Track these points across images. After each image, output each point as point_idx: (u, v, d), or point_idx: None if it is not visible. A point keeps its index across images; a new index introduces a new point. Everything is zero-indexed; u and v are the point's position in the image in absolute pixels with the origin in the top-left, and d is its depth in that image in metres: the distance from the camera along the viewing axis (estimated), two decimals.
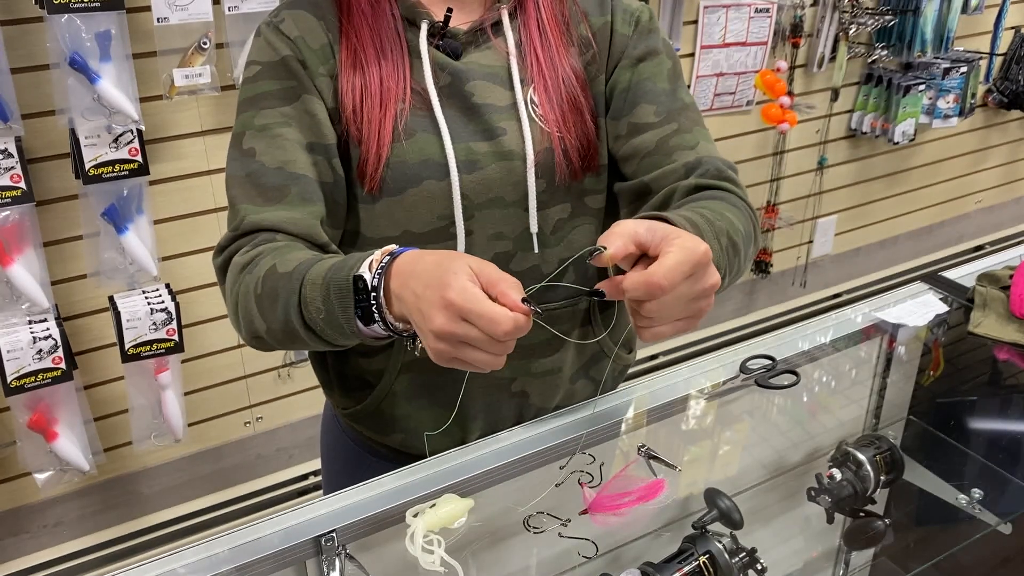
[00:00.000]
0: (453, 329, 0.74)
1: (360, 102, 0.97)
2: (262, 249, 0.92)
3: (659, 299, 0.74)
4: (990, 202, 3.52)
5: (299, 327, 0.88)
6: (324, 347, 0.91)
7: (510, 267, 1.02)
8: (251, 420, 2.25)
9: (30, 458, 1.85)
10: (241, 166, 0.97)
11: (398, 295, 0.79)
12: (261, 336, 0.94)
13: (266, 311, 0.90)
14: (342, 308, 0.83)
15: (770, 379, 1.21)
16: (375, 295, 0.81)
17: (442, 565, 0.90)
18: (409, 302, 0.77)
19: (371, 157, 0.96)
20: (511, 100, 1.00)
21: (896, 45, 2.77)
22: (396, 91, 0.97)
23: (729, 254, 0.90)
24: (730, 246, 0.91)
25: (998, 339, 1.35)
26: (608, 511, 1.00)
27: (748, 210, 1.01)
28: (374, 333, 0.85)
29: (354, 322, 0.83)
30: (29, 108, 1.71)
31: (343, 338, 0.87)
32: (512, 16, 1.01)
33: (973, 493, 1.11)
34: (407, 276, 0.79)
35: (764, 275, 2.91)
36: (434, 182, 0.97)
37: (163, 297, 1.85)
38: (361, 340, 0.87)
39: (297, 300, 0.86)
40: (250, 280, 0.91)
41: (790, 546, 1.11)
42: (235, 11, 1.79)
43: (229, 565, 0.91)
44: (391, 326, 0.82)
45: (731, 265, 0.92)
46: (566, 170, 1.01)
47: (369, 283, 0.81)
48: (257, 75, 0.99)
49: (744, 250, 0.95)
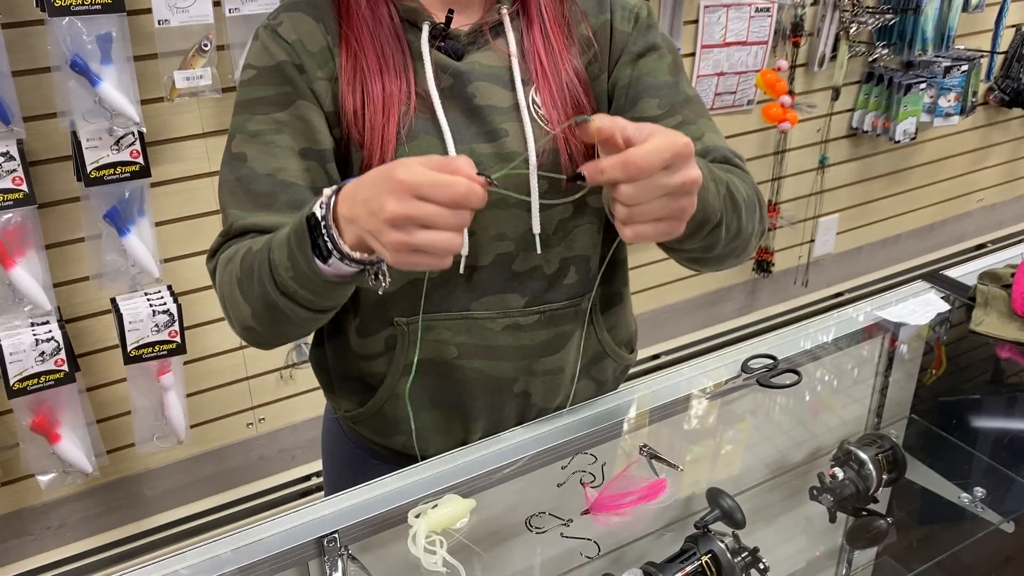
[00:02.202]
0: (406, 210, 0.70)
1: (362, 107, 0.96)
2: (245, 242, 0.92)
3: (637, 184, 0.72)
4: (991, 200, 3.52)
5: (275, 295, 0.86)
6: (307, 316, 0.88)
7: (512, 267, 1.02)
8: (253, 421, 2.25)
9: (33, 460, 1.85)
10: (232, 171, 0.97)
11: (348, 217, 0.77)
12: (251, 326, 0.93)
13: (247, 292, 0.90)
14: (301, 251, 0.81)
15: (772, 378, 1.21)
16: (324, 223, 0.79)
17: (444, 565, 0.91)
18: (360, 215, 0.75)
19: (375, 163, 0.96)
20: (513, 101, 0.99)
21: (897, 44, 2.77)
22: (399, 96, 0.96)
23: (727, 204, 0.89)
24: (728, 196, 0.89)
25: (1000, 337, 1.35)
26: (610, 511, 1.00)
27: (754, 188, 1.00)
28: (338, 271, 0.81)
29: (314, 263, 0.80)
30: (30, 111, 1.71)
31: (317, 294, 0.84)
32: (513, 17, 1.01)
33: (975, 492, 1.11)
34: (353, 194, 0.77)
35: (766, 274, 2.91)
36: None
37: (165, 299, 1.85)
38: (334, 287, 0.84)
39: (268, 267, 0.85)
40: (232, 268, 0.92)
41: (792, 545, 1.11)
42: (236, 13, 1.79)
43: (232, 566, 0.91)
44: (347, 255, 0.79)
45: (728, 216, 0.89)
46: (568, 166, 1.00)
47: (318, 215, 0.79)
48: (252, 79, 0.99)
49: (745, 212, 0.94)
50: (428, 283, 1.01)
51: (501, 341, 1.04)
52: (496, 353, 1.05)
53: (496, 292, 1.02)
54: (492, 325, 1.03)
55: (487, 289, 1.02)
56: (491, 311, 1.03)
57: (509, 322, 1.03)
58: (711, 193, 0.85)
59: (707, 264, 1.00)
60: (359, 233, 0.77)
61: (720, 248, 0.93)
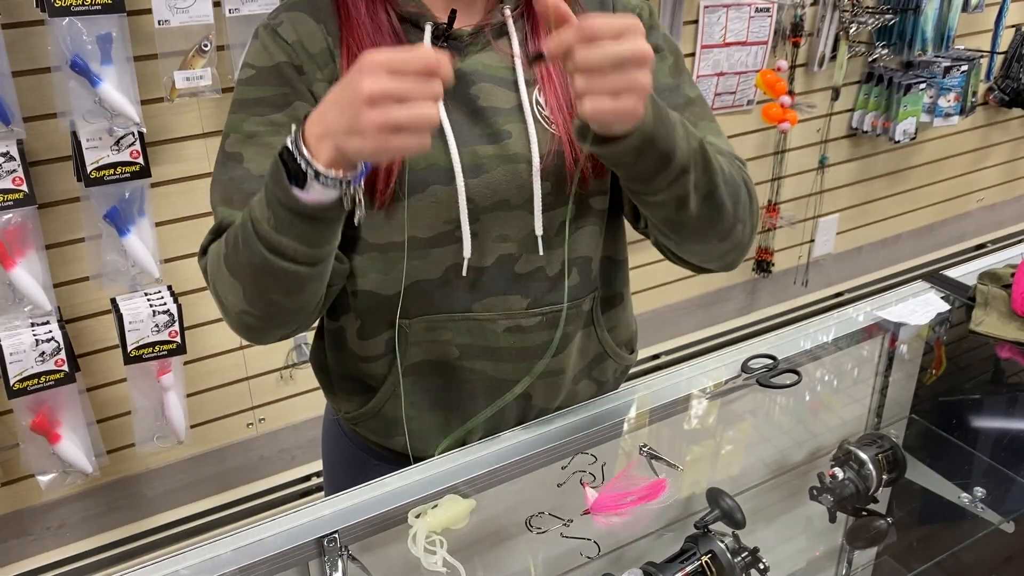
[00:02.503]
0: (382, 85, 0.73)
1: None
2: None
3: (590, 49, 0.76)
4: (991, 200, 3.52)
5: (261, 256, 0.85)
6: (295, 274, 0.87)
7: (515, 269, 1.02)
8: (253, 421, 2.25)
9: (33, 460, 1.86)
10: (226, 170, 0.98)
11: (320, 133, 0.79)
12: (244, 309, 0.92)
13: (233, 267, 0.90)
14: (277, 185, 0.81)
15: (772, 378, 1.21)
16: (295, 146, 0.80)
17: (444, 566, 0.91)
18: (333, 119, 0.77)
19: (380, 173, 0.95)
20: (516, 102, 0.99)
21: (897, 44, 2.77)
22: None
23: (697, 156, 0.89)
24: (700, 152, 0.89)
25: (1000, 337, 1.35)
26: (610, 511, 1.00)
27: (745, 179, 0.99)
28: (316, 198, 0.81)
29: (291, 192, 0.80)
30: (30, 111, 1.71)
31: (301, 239, 0.84)
32: (516, 18, 1.01)
33: (975, 492, 1.11)
34: (321, 111, 0.79)
35: (766, 274, 2.91)
36: (440, 187, 0.97)
37: (165, 299, 1.85)
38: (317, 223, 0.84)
39: (251, 227, 0.85)
40: (219, 250, 0.93)
41: (792, 545, 1.11)
42: (236, 13, 1.79)
43: (232, 566, 0.91)
44: (322, 172, 0.79)
45: (698, 169, 0.89)
46: (573, 171, 1.00)
47: (288, 143, 0.80)
48: (251, 79, 0.99)
49: (723, 183, 0.93)
50: (430, 284, 1.01)
51: (503, 342, 1.04)
52: (498, 354, 1.05)
53: (498, 293, 1.02)
54: (494, 326, 1.03)
55: (489, 290, 1.02)
56: (493, 312, 1.03)
57: (511, 323, 1.03)
58: (679, 135, 0.86)
59: (686, 237, 0.97)
60: (333, 144, 0.78)
61: (693, 208, 0.91)
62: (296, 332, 1.00)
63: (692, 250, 1.01)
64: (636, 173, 0.88)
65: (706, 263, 1.05)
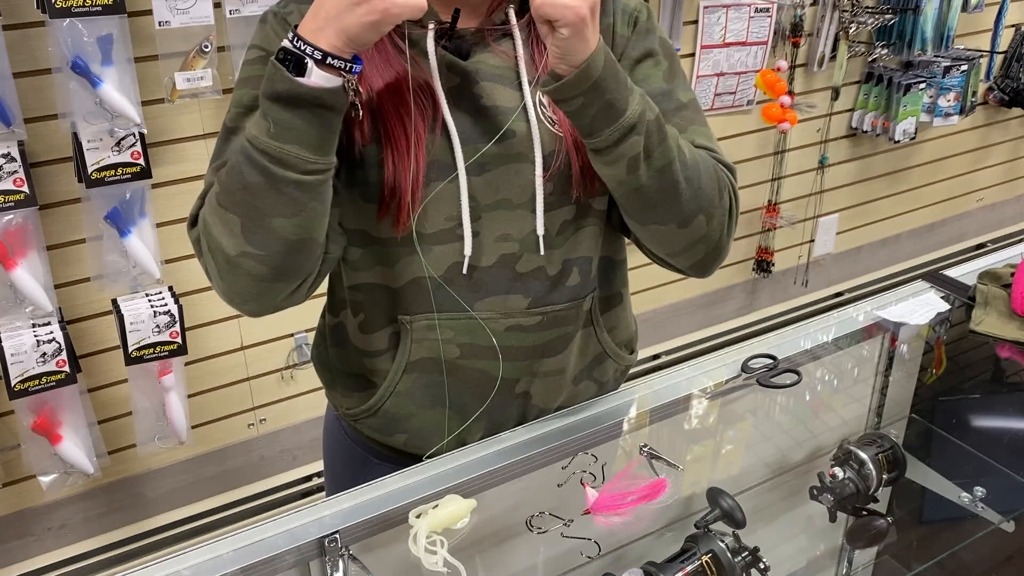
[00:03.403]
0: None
1: (368, 113, 0.95)
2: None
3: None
4: (991, 200, 3.52)
5: (260, 171, 0.86)
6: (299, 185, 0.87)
7: (516, 268, 1.02)
8: (255, 422, 2.25)
9: (34, 461, 1.86)
10: (224, 142, 0.99)
11: (315, 27, 0.83)
12: (243, 251, 0.90)
13: (230, 198, 0.90)
14: (277, 82, 0.84)
15: (772, 378, 1.21)
16: (294, 36, 0.84)
17: (445, 566, 0.91)
18: (330, 5, 0.82)
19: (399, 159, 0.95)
20: (520, 102, 0.99)
21: (896, 44, 2.77)
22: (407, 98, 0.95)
23: (651, 128, 0.91)
24: (656, 124, 0.92)
25: (1000, 337, 1.35)
26: (611, 511, 1.00)
27: (718, 172, 1.00)
28: (321, 82, 0.84)
29: (295, 81, 0.83)
30: (31, 112, 1.71)
31: (302, 142, 0.86)
32: (520, 17, 1.01)
33: (976, 491, 1.11)
34: (315, 6, 0.84)
35: (766, 274, 2.91)
36: (442, 184, 0.97)
37: (166, 300, 1.86)
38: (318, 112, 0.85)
39: (250, 146, 0.87)
40: (213, 195, 0.92)
41: (793, 545, 1.11)
42: (236, 15, 1.79)
43: (233, 567, 0.91)
44: (325, 52, 0.83)
45: (652, 136, 0.92)
46: (580, 179, 1.00)
47: (288, 41, 0.84)
48: (257, 59, 0.99)
49: (678, 160, 0.94)
50: (432, 283, 1.02)
51: (503, 342, 1.04)
52: (498, 354, 1.05)
53: (499, 293, 1.03)
54: (495, 326, 1.03)
55: (490, 290, 1.02)
56: (494, 312, 1.03)
57: (512, 323, 1.04)
58: (633, 98, 0.90)
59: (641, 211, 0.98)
60: (333, 30, 0.82)
61: (644, 176, 0.93)
62: (294, 296, 0.97)
63: (651, 233, 1.01)
64: (584, 120, 0.90)
65: (673, 255, 1.03)
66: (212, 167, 0.98)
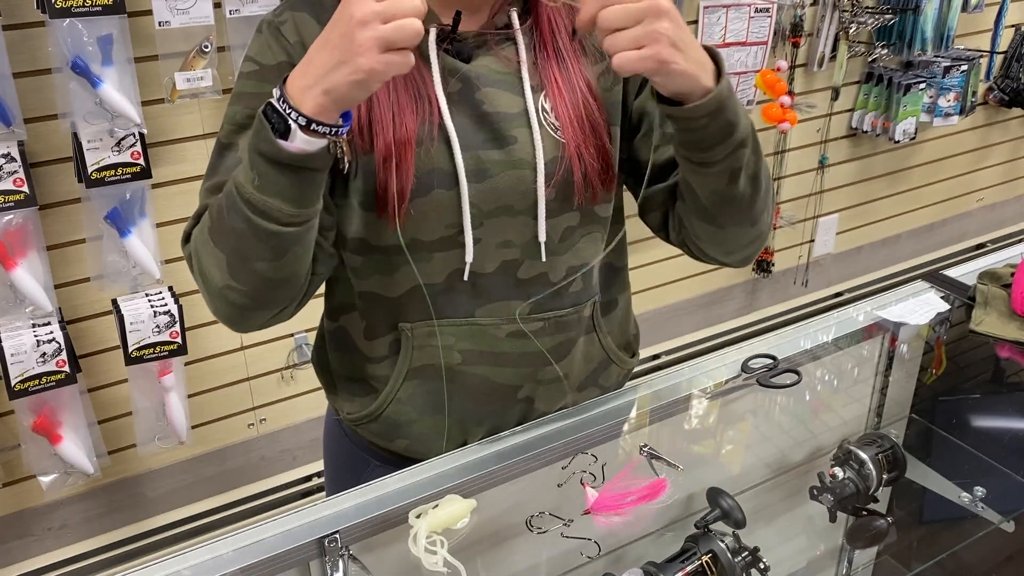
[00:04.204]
0: (371, 6, 0.77)
1: (367, 112, 0.95)
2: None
3: (610, 9, 0.80)
4: (991, 200, 3.52)
5: (245, 218, 0.86)
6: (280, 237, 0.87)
7: (518, 275, 1.02)
8: (255, 422, 2.25)
9: (34, 461, 1.86)
10: (219, 158, 0.98)
11: (303, 85, 0.81)
12: (228, 284, 0.91)
13: (217, 236, 0.90)
14: (262, 141, 0.83)
15: (772, 378, 1.21)
16: (281, 99, 0.82)
17: (445, 566, 0.91)
18: (318, 63, 0.80)
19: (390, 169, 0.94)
20: (522, 107, 0.98)
21: (896, 44, 2.77)
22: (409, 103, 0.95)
23: (752, 137, 0.93)
24: (753, 132, 0.93)
25: (1000, 337, 1.35)
26: (610, 511, 1.00)
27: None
28: (302, 146, 0.83)
29: (276, 144, 0.82)
30: (32, 112, 1.71)
31: (285, 197, 0.85)
32: (523, 20, 1.00)
33: (975, 491, 1.11)
34: (304, 62, 0.82)
35: (766, 274, 2.91)
36: (443, 191, 0.96)
37: (166, 300, 1.86)
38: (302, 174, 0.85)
39: (235, 192, 0.86)
40: (203, 225, 0.93)
41: (793, 545, 1.11)
42: (236, 15, 1.79)
43: (233, 567, 0.91)
44: (310, 119, 0.81)
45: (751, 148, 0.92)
46: (583, 186, 1.00)
47: (274, 99, 0.83)
48: (252, 73, 0.99)
49: (763, 172, 0.96)
50: (432, 289, 1.01)
51: (505, 348, 1.04)
52: (500, 360, 1.04)
53: (501, 299, 1.02)
54: (497, 332, 1.03)
55: (492, 296, 1.02)
56: (496, 318, 1.03)
57: (514, 329, 1.03)
58: (741, 111, 0.91)
59: (728, 217, 0.98)
60: (320, 90, 0.80)
61: (742, 184, 0.93)
62: (279, 317, 0.98)
63: (726, 235, 1.01)
64: (702, 139, 0.90)
65: (731, 253, 1.04)
66: (205, 187, 0.98)
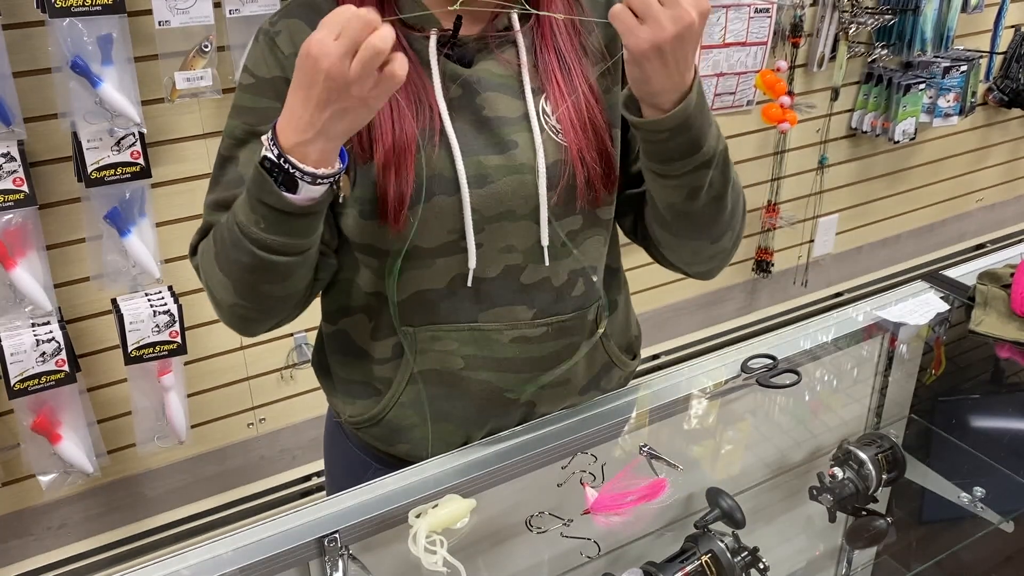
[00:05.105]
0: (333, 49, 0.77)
1: (367, 128, 0.94)
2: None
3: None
4: (991, 200, 3.52)
5: (254, 251, 0.88)
6: (286, 264, 0.90)
7: (520, 279, 1.02)
8: (254, 422, 2.25)
9: (34, 460, 1.86)
10: (221, 172, 1.00)
11: (298, 140, 0.82)
12: (236, 302, 0.95)
13: (224, 265, 0.93)
14: (267, 193, 0.84)
15: (771, 378, 1.21)
16: (282, 158, 0.83)
17: (445, 565, 0.91)
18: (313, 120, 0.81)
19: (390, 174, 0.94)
20: (523, 111, 0.98)
21: (896, 44, 2.77)
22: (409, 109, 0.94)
23: (720, 161, 0.93)
24: (723, 157, 0.94)
25: (999, 337, 1.35)
26: (610, 511, 1.00)
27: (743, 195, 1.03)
28: (308, 195, 0.85)
29: (283, 197, 0.84)
30: (31, 112, 1.71)
31: (290, 234, 0.88)
32: (524, 23, 0.99)
33: (975, 491, 1.11)
34: (289, 117, 0.82)
35: (765, 274, 2.91)
36: (444, 197, 0.96)
37: (166, 299, 1.86)
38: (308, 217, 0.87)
39: (239, 231, 0.89)
40: (208, 249, 0.96)
41: (792, 545, 1.11)
42: (236, 14, 1.79)
43: (233, 566, 0.91)
44: (314, 174, 0.83)
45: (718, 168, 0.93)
46: (585, 189, 0.99)
47: (271, 156, 0.84)
48: (248, 87, 0.98)
49: (731, 193, 0.97)
50: (435, 294, 1.01)
51: (508, 353, 1.04)
52: (503, 365, 1.04)
53: (504, 304, 1.02)
54: (500, 337, 1.03)
55: (495, 301, 1.02)
56: (499, 323, 1.02)
57: (517, 334, 1.03)
58: (712, 133, 0.91)
59: (684, 230, 1.00)
60: (321, 140, 0.82)
61: (701, 204, 0.94)
62: (285, 321, 1.03)
63: (683, 247, 1.04)
64: (663, 151, 0.90)
65: (690, 265, 1.07)
66: (209, 200, 1.00)
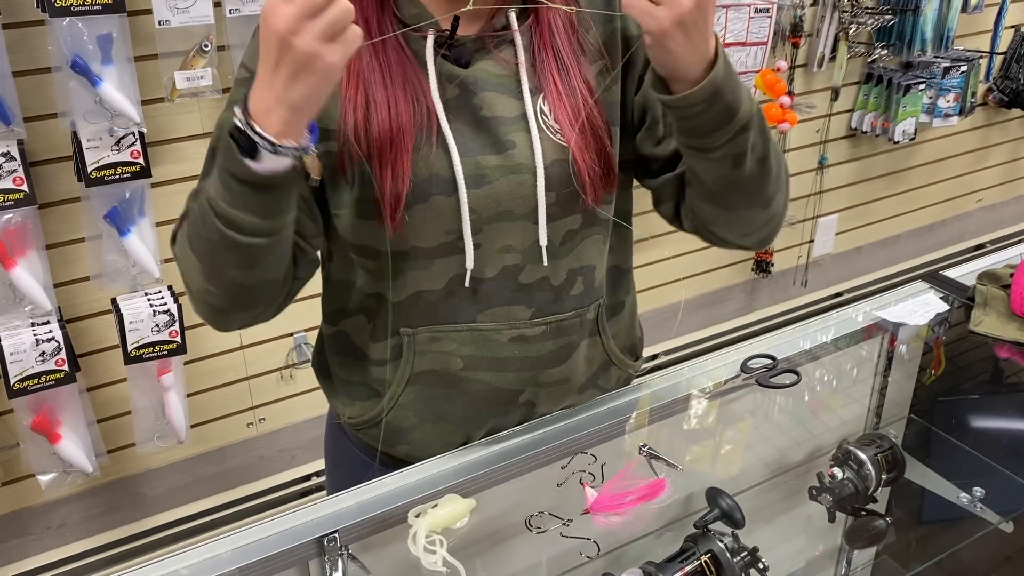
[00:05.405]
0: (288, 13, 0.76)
1: (364, 120, 0.94)
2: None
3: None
4: (991, 201, 3.52)
5: (219, 227, 0.87)
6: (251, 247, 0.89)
7: (519, 280, 1.02)
8: (254, 421, 2.25)
9: (34, 460, 1.86)
10: (211, 164, 0.97)
11: (264, 108, 0.81)
12: (205, 288, 0.94)
13: (194, 244, 0.92)
14: (231, 161, 0.84)
15: (771, 378, 1.21)
16: (246, 121, 0.82)
17: (444, 565, 0.91)
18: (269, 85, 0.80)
19: (387, 177, 0.94)
20: (521, 111, 0.97)
21: (896, 44, 2.77)
22: (407, 110, 0.94)
23: (756, 120, 0.91)
24: (759, 115, 0.92)
25: (999, 337, 1.36)
26: (610, 511, 1.00)
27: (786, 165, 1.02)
28: (271, 166, 0.84)
29: (245, 165, 0.83)
30: (31, 111, 1.71)
31: (254, 210, 0.86)
32: (522, 22, 0.99)
33: (975, 491, 1.11)
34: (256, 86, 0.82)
35: (765, 274, 2.91)
36: (442, 198, 0.96)
37: (165, 299, 1.86)
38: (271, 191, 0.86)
39: (207, 205, 0.88)
40: (183, 232, 0.95)
41: (792, 545, 1.11)
42: (236, 14, 1.79)
43: (232, 566, 0.91)
44: (275, 143, 0.82)
45: (757, 130, 0.91)
46: (584, 189, 0.99)
47: (238, 121, 0.83)
48: (243, 81, 0.98)
49: (773, 154, 0.95)
50: (433, 295, 1.01)
51: (507, 353, 1.04)
52: (502, 365, 1.04)
53: (502, 304, 1.02)
54: (498, 337, 1.03)
55: (493, 301, 1.02)
56: (497, 323, 1.02)
57: (515, 334, 1.03)
58: (743, 95, 0.89)
59: (736, 201, 0.97)
60: (283, 109, 0.80)
61: (748, 168, 0.92)
62: (260, 317, 1.00)
63: (737, 219, 1.00)
64: (698, 125, 0.89)
65: (747, 236, 1.03)
66: (194, 189, 0.98)
